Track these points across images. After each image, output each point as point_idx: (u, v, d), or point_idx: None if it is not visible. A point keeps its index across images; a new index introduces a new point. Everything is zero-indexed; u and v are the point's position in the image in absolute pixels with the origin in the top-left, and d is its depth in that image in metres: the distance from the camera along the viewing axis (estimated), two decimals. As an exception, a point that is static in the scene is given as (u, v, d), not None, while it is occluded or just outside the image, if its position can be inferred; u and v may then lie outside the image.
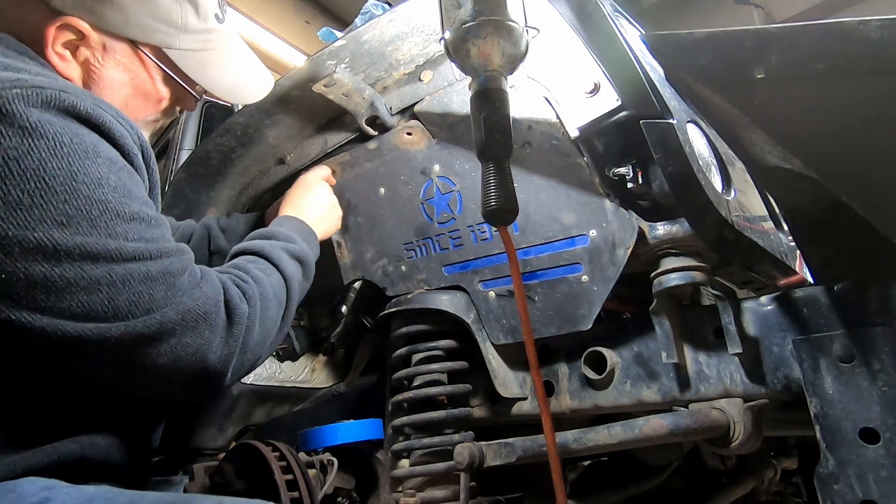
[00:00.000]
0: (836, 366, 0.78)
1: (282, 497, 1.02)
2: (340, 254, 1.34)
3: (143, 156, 0.85)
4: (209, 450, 1.53)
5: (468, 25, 0.79)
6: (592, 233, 1.00)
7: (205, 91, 1.05)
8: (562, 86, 1.00)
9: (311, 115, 1.32)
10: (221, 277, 0.88)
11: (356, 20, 1.39)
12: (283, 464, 1.08)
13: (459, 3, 0.81)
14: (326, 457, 1.23)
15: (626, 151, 0.99)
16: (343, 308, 1.50)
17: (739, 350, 0.89)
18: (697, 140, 0.95)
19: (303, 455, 1.21)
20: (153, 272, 0.76)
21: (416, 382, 1.18)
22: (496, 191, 0.80)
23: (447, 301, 1.15)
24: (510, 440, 0.91)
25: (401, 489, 1.14)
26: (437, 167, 1.17)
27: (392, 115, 1.22)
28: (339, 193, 1.30)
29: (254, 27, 7.07)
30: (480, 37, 0.79)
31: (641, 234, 0.96)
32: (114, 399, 0.87)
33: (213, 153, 1.41)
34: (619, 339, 1.05)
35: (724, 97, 0.66)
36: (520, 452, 0.90)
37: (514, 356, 1.14)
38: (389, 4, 1.40)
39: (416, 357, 1.19)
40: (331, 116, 1.31)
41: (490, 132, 0.81)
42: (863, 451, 0.74)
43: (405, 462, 1.18)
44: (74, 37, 0.89)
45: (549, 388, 1.11)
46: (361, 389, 1.66)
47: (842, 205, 0.68)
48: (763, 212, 1.13)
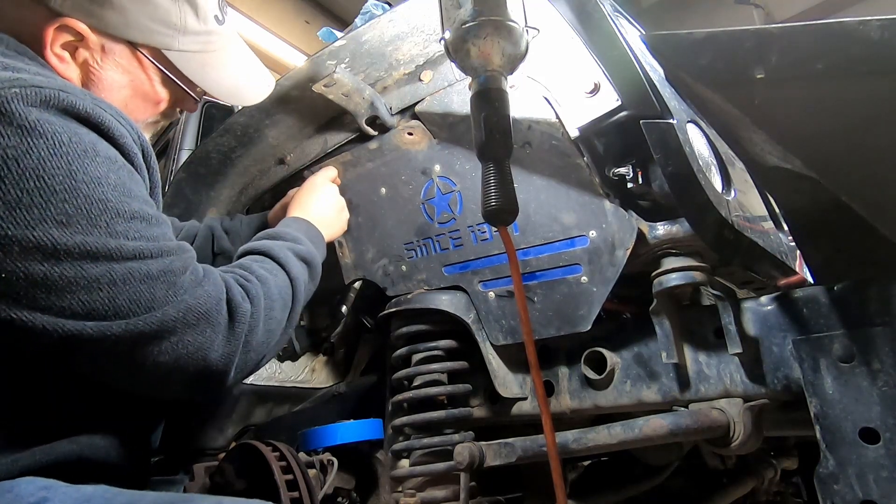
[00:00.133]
0: (836, 366, 0.78)
1: (282, 497, 1.02)
2: (341, 253, 1.34)
3: (144, 155, 0.85)
4: (209, 450, 1.52)
5: (468, 25, 0.79)
6: (592, 233, 1.00)
7: (205, 92, 1.05)
8: (562, 86, 1.00)
9: (311, 115, 1.32)
10: (224, 276, 0.87)
11: (356, 20, 1.39)
12: (283, 464, 1.08)
13: (459, 3, 0.81)
14: (326, 457, 1.23)
15: (626, 151, 0.99)
16: (343, 308, 1.50)
17: (739, 350, 0.89)
18: (697, 140, 0.95)
19: (303, 455, 1.21)
20: (154, 271, 0.76)
21: (416, 382, 1.18)
22: (496, 191, 0.80)
23: (447, 301, 1.15)
24: (510, 440, 0.91)
25: (401, 489, 1.14)
26: (438, 167, 1.17)
27: (392, 115, 1.22)
28: (341, 193, 1.30)
29: (254, 27, 7.08)
30: (480, 37, 0.79)
31: (641, 235, 0.96)
32: (113, 399, 0.87)
33: (213, 153, 1.41)
34: (619, 340, 1.05)
35: (724, 97, 0.66)
36: (520, 452, 0.90)
37: (514, 356, 1.14)
38: (389, 4, 1.40)
39: (416, 357, 1.19)
40: (331, 116, 1.31)
41: (490, 132, 0.81)
42: (863, 451, 0.74)
43: (405, 462, 1.18)
44: (73, 38, 0.89)
45: (549, 389, 1.11)
46: (361, 389, 1.65)
47: (842, 205, 0.68)
48: (763, 212, 1.13)
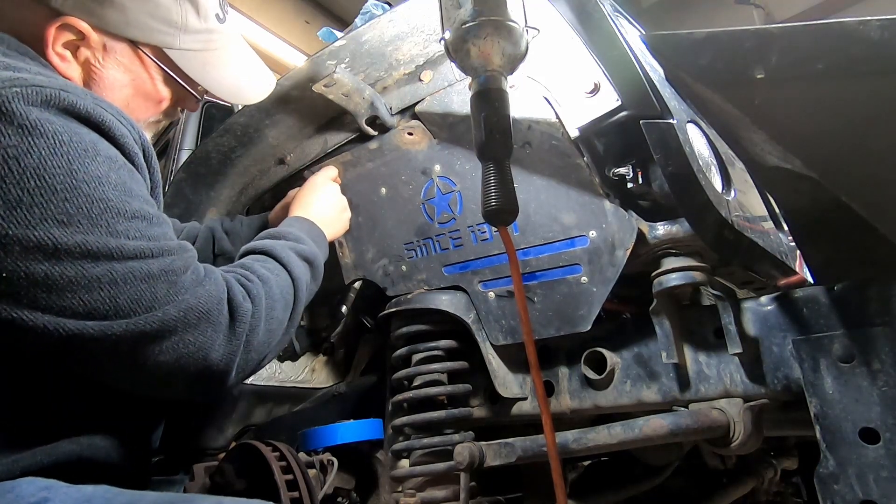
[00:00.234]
0: (836, 366, 0.78)
1: (282, 497, 1.02)
2: (342, 253, 1.34)
3: (145, 155, 0.85)
4: (209, 450, 1.52)
5: (468, 25, 0.79)
6: (592, 234, 1.00)
7: (206, 91, 1.05)
8: (562, 86, 1.00)
9: (311, 116, 1.32)
10: (225, 276, 0.87)
11: (356, 20, 1.39)
12: (283, 464, 1.07)
13: (459, 3, 0.81)
14: (326, 457, 1.23)
15: (626, 151, 0.99)
16: (343, 308, 1.50)
17: (739, 350, 0.89)
18: (697, 140, 0.95)
19: (303, 455, 1.21)
20: (155, 270, 0.76)
21: (416, 382, 1.18)
22: (496, 191, 0.80)
23: (447, 301, 1.15)
24: (510, 440, 0.91)
25: (401, 489, 1.14)
26: (438, 167, 1.17)
27: (392, 115, 1.22)
28: (341, 193, 1.30)
29: (254, 27, 7.07)
30: (480, 37, 0.79)
31: (641, 235, 0.96)
32: (114, 399, 0.87)
33: (213, 153, 1.41)
34: (619, 340, 1.05)
35: (724, 97, 0.66)
36: (520, 452, 0.90)
37: (514, 356, 1.14)
38: (389, 4, 1.40)
39: (416, 357, 1.19)
40: (331, 116, 1.31)
41: (490, 132, 0.81)
42: (863, 451, 0.74)
43: (405, 462, 1.18)
44: (75, 37, 0.89)
45: (549, 389, 1.11)
46: (361, 389, 1.65)
47: (842, 205, 0.68)
48: (763, 212, 1.13)
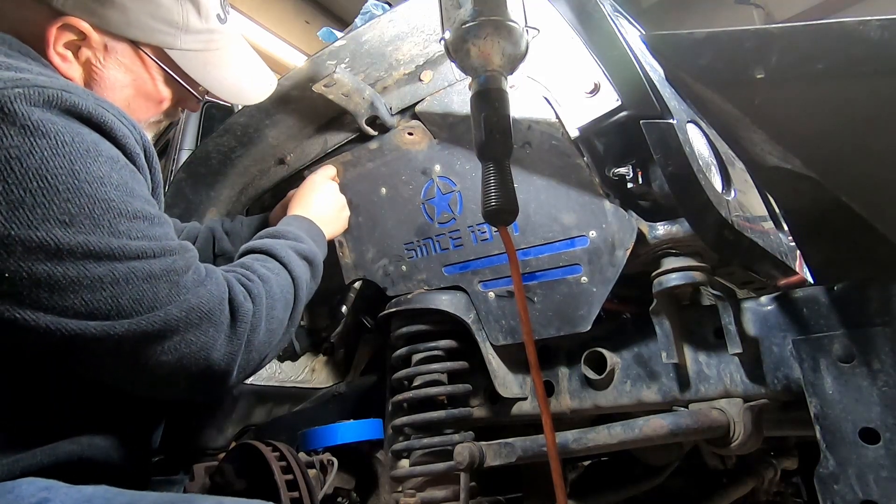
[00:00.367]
0: (836, 366, 0.78)
1: (282, 497, 1.02)
2: (342, 253, 1.34)
3: (146, 155, 0.85)
4: (209, 450, 1.52)
5: (468, 25, 0.79)
6: (592, 234, 1.00)
7: (207, 92, 1.05)
8: (562, 86, 1.00)
9: (311, 115, 1.32)
10: (226, 276, 0.87)
11: (356, 20, 1.39)
12: (283, 464, 1.08)
13: (459, 3, 0.81)
14: (326, 457, 1.23)
15: (626, 151, 0.99)
16: (343, 308, 1.50)
17: (739, 350, 0.89)
18: (697, 140, 0.95)
19: (303, 455, 1.21)
20: (156, 270, 0.76)
21: (416, 382, 1.18)
22: (496, 191, 0.80)
23: (447, 301, 1.15)
24: (510, 440, 0.91)
25: (401, 489, 1.14)
26: (438, 167, 1.17)
27: (392, 115, 1.22)
28: (341, 192, 1.30)
29: (254, 27, 7.07)
30: (480, 37, 0.79)
31: (641, 235, 0.96)
32: (114, 399, 0.87)
33: (214, 153, 1.41)
34: (619, 340, 1.05)
35: (724, 97, 0.66)
36: (520, 452, 0.90)
37: (514, 356, 1.14)
38: (389, 4, 1.40)
39: (416, 357, 1.19)
40: (331, 116, 1.31)
41: (490, 132, 0.81)
42: (863, 451, 0.74)
43: (405, 462, 1.18)
44: (76, 37, 0.89)
45: (549, 389, 1.11)
46: (361, 389, 1.65)
47: (842, 205, 0.68)
48: (763, 212, 1.13)
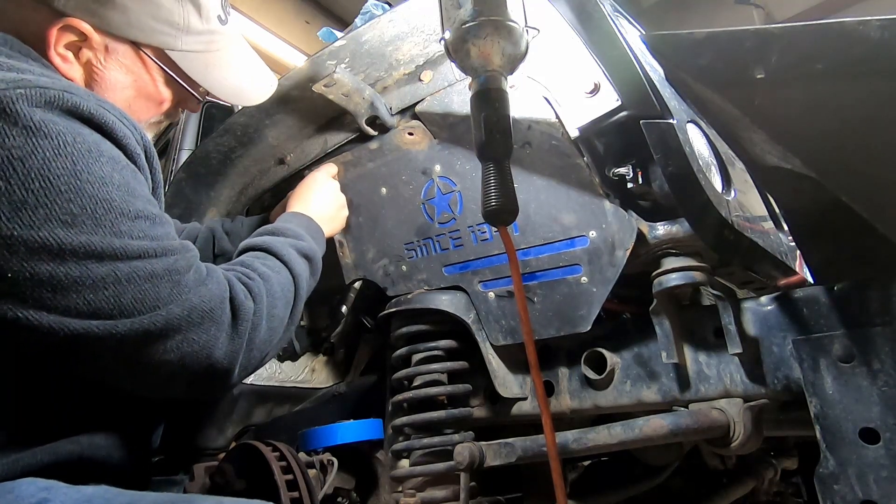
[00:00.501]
0: (836, 366, 0.78)
1: (282, 497, 1.02)
2: (342, 253, 1.34)
3: (146, 155, 0.85)
4: (209, 450, 1.53)
5: (468, 25, 0.79)
6: (592, 234, 1.00)
7: (207, 92, 1.05)
8: (562, 86, 1.00)
9: (312, 116, 1.32)
10: (227, 275, 0.88)
11: (356, 20, 1.39)
12: (283, 464, 1.08)
13: (459, 3, 0.81)
14: (326, 457, 1.23)
15: (626, 151, 0.99)
16: (343, 308, 1.50)
17: (739, 350, 0.89)
18: (697, 140, 0.95)
19: (303, 455, 1.21)
20: (158, 270, 0.77)
21: (416, 382, 1.18)
22: (496, 191, 0.80)
23: (447, 301, 1.15)
24: (510, 440, 0.91)
25: (401, 489, 1.14)
26: (439, 167, 1.17)
27: (392, 115, 1.22)
28: (342, 192, 1.30)
29: (254, 27, 7.07)
30: (480, 37, 0.79)
31: (641, 235, 0.96)
32: (114, 399, 0.87)
33: (214, 153, 1.41)
34: (619, 340, 1.05)
35: (724, 97, 0.66)
36: (520, 452, 0.90)
37: (514, 356, 1.14)
38: (389, 4, 1.40)
39: (416, 357, 1.19)
40: (331, 116, 1.31)
41: (490, 132, 0.81)
42: (863, 451, 0.74)
43: (405, 462, 1.18)
44: (77, 38, 0.89)
45: (549, 389, 1.11)
46: (361, 389, 1.66)
47: (842, 205, 0.68)
48: (763, 212, 1.13)
